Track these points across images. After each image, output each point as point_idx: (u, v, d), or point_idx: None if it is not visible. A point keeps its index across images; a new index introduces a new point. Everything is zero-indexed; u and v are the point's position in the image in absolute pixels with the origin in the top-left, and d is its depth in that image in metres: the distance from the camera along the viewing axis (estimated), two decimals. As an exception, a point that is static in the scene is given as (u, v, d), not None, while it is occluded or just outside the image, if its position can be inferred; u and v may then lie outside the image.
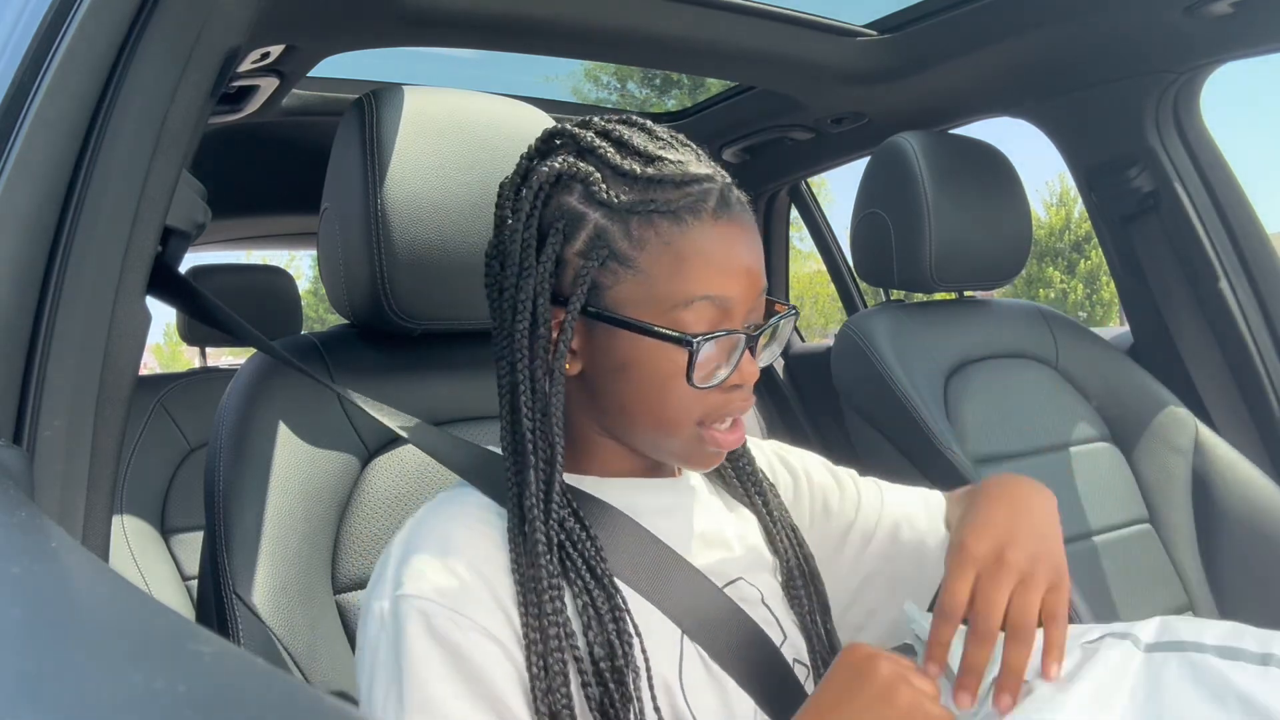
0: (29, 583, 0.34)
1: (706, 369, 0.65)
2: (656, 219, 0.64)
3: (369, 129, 0.89)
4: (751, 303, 0.67)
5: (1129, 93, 1.55)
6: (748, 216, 0.68)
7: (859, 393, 1.50)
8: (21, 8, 0.64)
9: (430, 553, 0.62)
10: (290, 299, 2.32)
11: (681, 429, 0.67)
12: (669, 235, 0.64)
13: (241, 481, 0.83)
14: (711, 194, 0.65)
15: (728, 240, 0.65)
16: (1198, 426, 1.51)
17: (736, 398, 0.68)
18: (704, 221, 0.65)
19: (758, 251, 0.68)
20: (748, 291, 0.66)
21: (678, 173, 0.65)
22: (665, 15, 1.34)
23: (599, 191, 0.64)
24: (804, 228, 2.40)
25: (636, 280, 0.64)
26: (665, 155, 0.66)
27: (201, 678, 0.25)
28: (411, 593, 0.60)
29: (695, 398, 0.66)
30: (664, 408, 0.66)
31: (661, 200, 0.64)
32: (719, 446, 0.68)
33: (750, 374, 0.67)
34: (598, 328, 0.66)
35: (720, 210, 0.65)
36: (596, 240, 0.64)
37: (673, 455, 0.70)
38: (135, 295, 0.63)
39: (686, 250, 0.64)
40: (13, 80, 0.59)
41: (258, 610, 0.78)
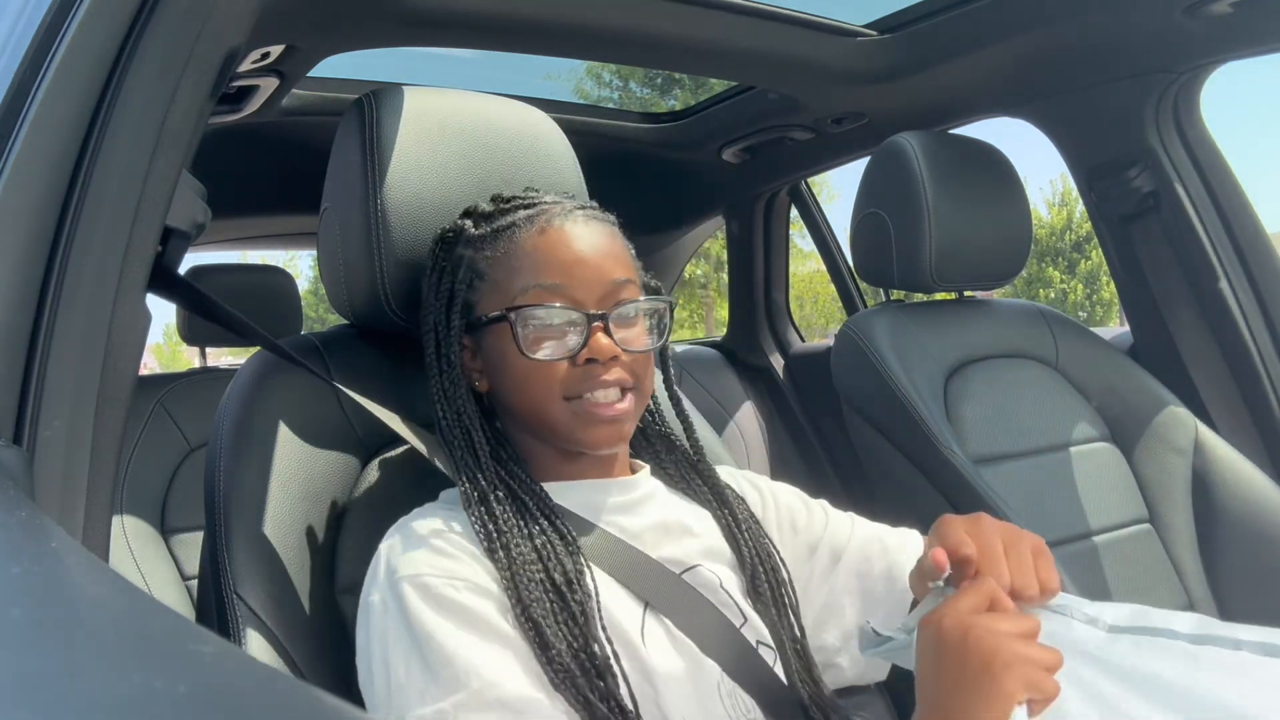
0: (29, 583, 0.34)
1: (538, 341, 0.76)
2: (501, 236, 0.80)
3: (369, 129, 0.89)
4: (599, 291, 0.77)
5: (1129, 93, 1.55)
6: (591, 224, 0.80)
7: (859, 393, 1.50)
8: (21, 8, 0.64)
9: (413, 541, 0.72)
10: (290, 299, 2.32)
11: (550, 402, 0.76)
12: (508, 248, 0.79)
13: (241, 481, 0.83)
14: (546, 211, 0.80)
15: (558, 240, 0.78)
16: (1198, 426, 1.51)
17: (597, 371, 0.76)
18: (533, 230, 0.79)
19: (598, 249, 0.79)
20: (586, 280, 0.77)
21: (521, 203, 0.83)
22: (665, 15, 1.34)
23: (468, 232, 0.82)
24: (804, 227, 2.40)
25: (491, 289, 0.79)
26: (522, 198, 0.84)
27: (201, 678, 0.25)
28: (407, 573, 0.68)
29: (549, 373, 0.76)
30: (526, 386, 0.77)
31: (503, 224, 0.80)
32: (598, 417, 0.76)
33: (602, 348, 0.75)
34: (480, 339, 0.81)
35: (554, 220, 0.79)
36: (466, 269, 0.80)
37: (558, 434, 0.78)
38: (135, 295, 0.63)
39: (520, 253, 0.78)
40: (13, 80, 0.59)
41: (258, 610, 0.78)
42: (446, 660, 0.64)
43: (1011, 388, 1.51)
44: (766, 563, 0.83)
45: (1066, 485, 1.45)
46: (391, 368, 0.94)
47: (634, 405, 0.79)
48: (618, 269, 0.79)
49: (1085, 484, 1.47)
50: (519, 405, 0.79)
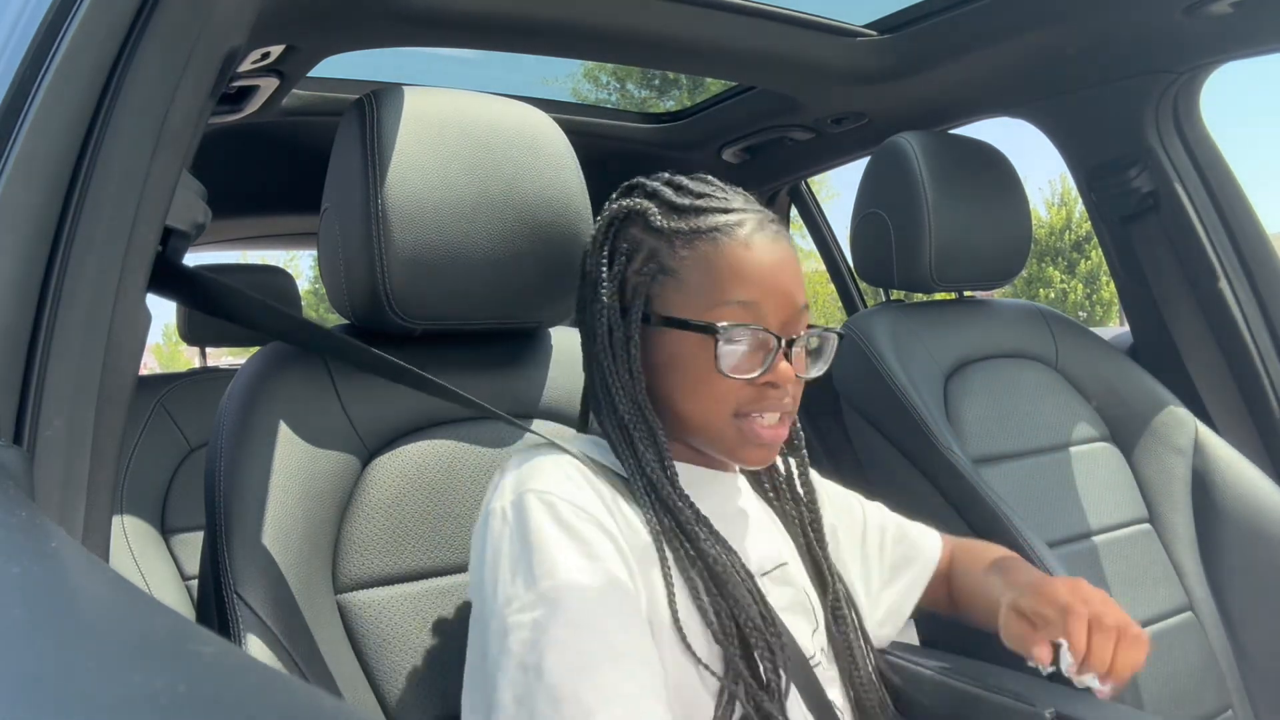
0: (29, 583, 0.34)
1: (734, 360, 0.75)
2: (697, 240, 0.77)
3: (369, 129, 0.89)
4: (786, 315, 0.77)
5: (1129, 93, 1.55)
6: (784, 242, 0.79)
7: (859, 393, 1.50)
8: (21, 8, 0.64)
9: (548, 468, 0.74)
10: (290, 299, 2.32)
11: (719, 417, 0.77)
12: (706, 252, 0.77)
13: (242, 481, 0.83)
14: (746, 222, 0.78)
15: (757, 256, 0.77)
16: (1198, 426, 1.51)
17: (771, 395, 0.77)
18: (736, 241, 0.77)
19: (790, 272, 0.78)
20: (779, 303, 0.77)
21: (719, 205, 0.79)
22: (665, 15, 1.34)
23: (654, 220, 0.79)
24: (804, 227, 2.40)
25: (679, 289, 0.77)
26: (712, 194, 0.81)
27: (201, 678, 0.25)
28: (537, 488, 0.71)
29: (729, 389, 0.76)
30: (701, 396, 0.77)
31: (702, 226, 0.78)
32: (759, 439, 0.77)
33: (784, 374, 0.76)
34: (650, 332, 0.79)
35: (753, 234, 0.78)
36: (650, 259, 0.78)
37: (717, 445, 0.79)
38: (135, 295, 0.63)
39: (719, 263, 0.76)
40: (13, 80, 0.59)
41: (258, 610, 0.78)
42: (550, 572, 0.66)
43: (1011, 388, 1.51)
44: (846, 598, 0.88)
45: (1066, 485, 1.45)
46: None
47: (788, 430, 0.81)
48: (802, 293, 0.80)
49: (1085, 484, 1.46)
50: (683, 409, 0.79)
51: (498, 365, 0.99)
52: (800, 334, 0.78)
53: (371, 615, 0.86)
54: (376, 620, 0.85)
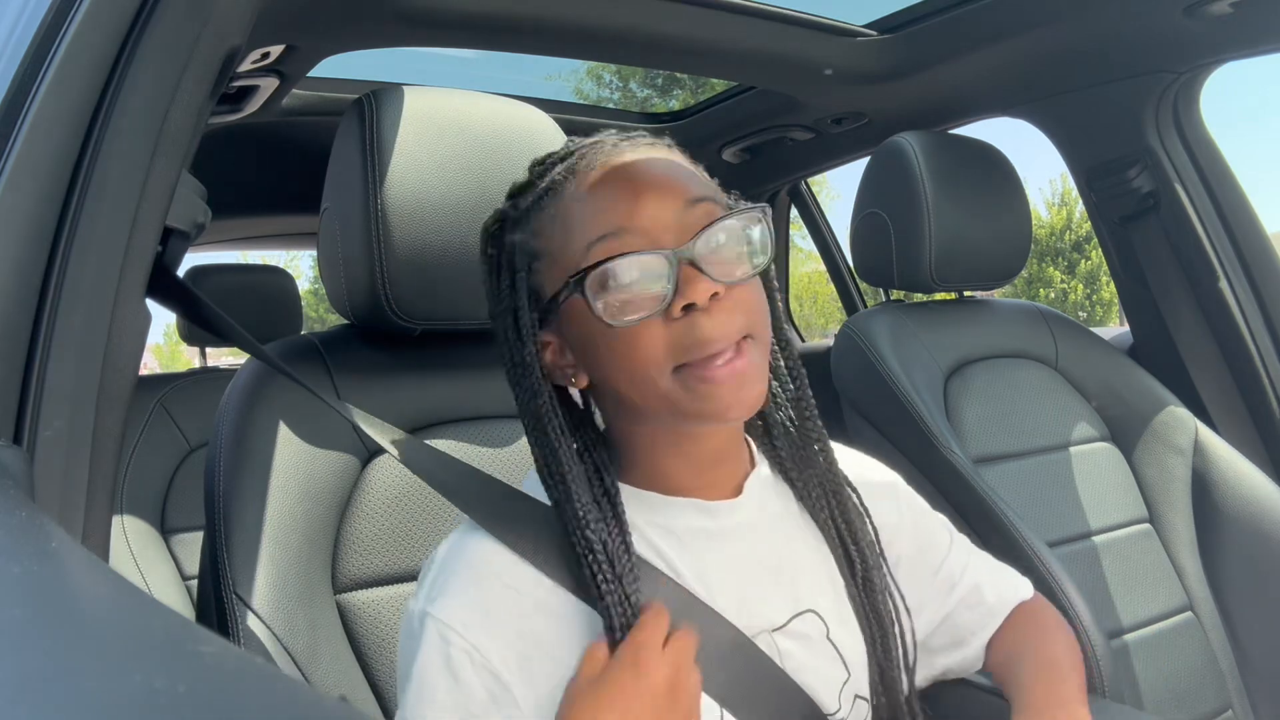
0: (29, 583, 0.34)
1: (619, 302, 0.60)
2: (544, 202, 0.66)
3: (369, 129, 0.89)
4: (669, 220, 0.62)
5: (1129, 93, 1.55)
6: (638, 149, 0.66)
7: (859, 393, 1.50)
8: (21, 8, 0.64)
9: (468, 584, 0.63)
10: (290, 299, 2.32)
11: (660, 380, 0.61)
12: (555, 209, 0.65)
13: (241, 482, 0.83)
14: (585, 154, 0.66)
15: (607, 180, 0.64)
16: (1198, 426, 1.51)
17: (703, 324, 0.60)
18: (580, 177, 0.65)
19: (659, 170, 0.64)
20: (650, 211, 0.62)
21: (557, 156, 0.67)
22: (665, 15, 1.34)
23: (510, 214, 0.68)
24: (804, 227, 2.40)
25: (549, 264, 0.65)
26: (554, 154, 0.68)
27: (201, 678, 0.25)
28: (442, 616, 0.62)
29: (650, 340, 0.60)
30: (627, 366, 0.62)
31: (542, 187, 0.66)
32: (713, 381, 0.61)
33: (695, 290, 0.60)
34: (560, 329, 0.66)
35: (594, 159, 0.65)
36: (520, 254, 0.66)
37: (684, 414, 0.63)
38: (135, 295, 0.63)
39: (568, 209, 0.64)
40: (13, 80, 0.59)
41: (258, 610, 0.78)
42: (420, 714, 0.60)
43: (1011, 388, 1.51)
44: (889, 621, 0.72)
45: (1066, 485, 1.45)
46: (392, 367, 0.94)
47: (756, 356, 0.63)
48: (690, 186, 0.64)
49: (1085, 484, 1.46)
50: (626, 391, 0.64)
51: (497, 365, 0.99)
52: (700, 232, 0.61)
53: (371, 615, 0.86)
54: (376, 620, 0.86)
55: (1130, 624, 1.37)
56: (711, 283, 0.60)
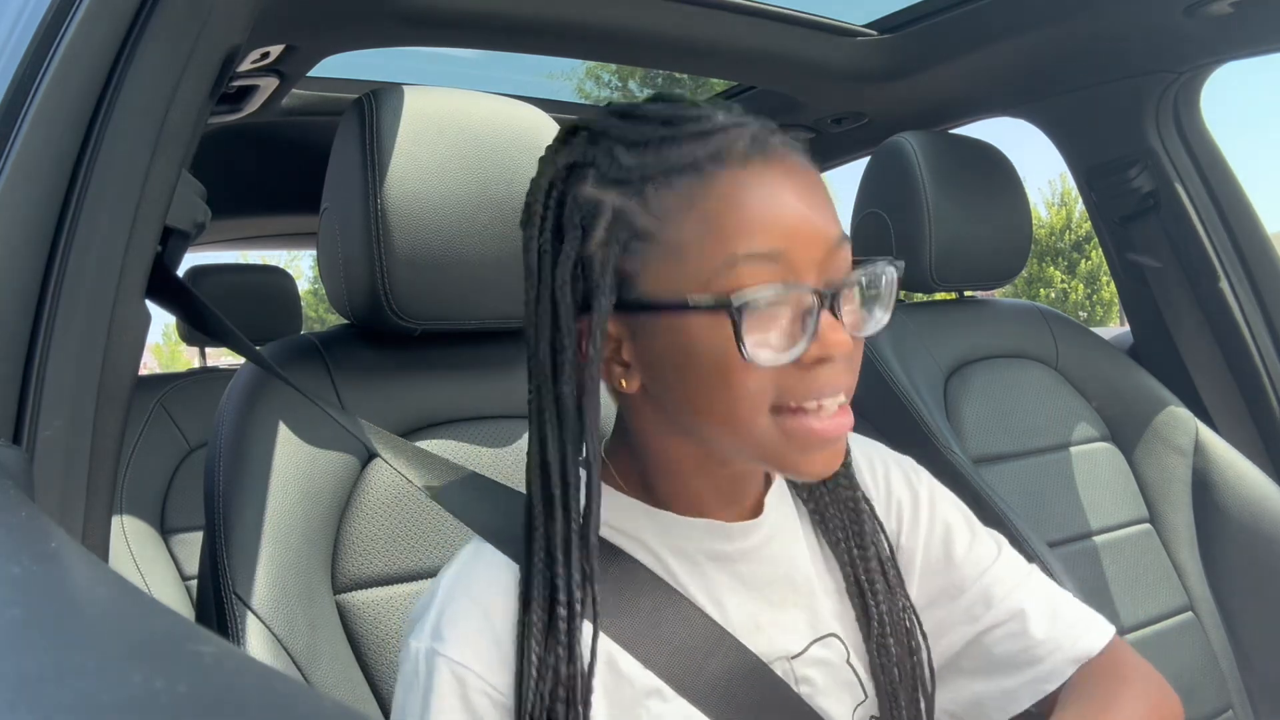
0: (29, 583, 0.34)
1: (766, 338, 0.54)
2: (675, 179, 0.55)
3: (369, 129, 0.89)
4: (821, 257, 0.55)
5: (1129, 93, 1.55)
6: (796, 158, 0.57)
7: (859, 393, 1.50)
8: (21, 8, 0.64)
9: (475, 619, 0.60)
10: (290, 299, 2.32)
11: (756, 421, 0.55)
12: (692, 195, 0.54)
13: (241, 481, 0.83)
14: (739, 139, 0.55)
15: (766, 184, 0.54)
16: (1198, 426, 1.51)
17: (822, 374, 0.55)
18: (732, 169, 0.54)
19: (816, 197, 0.56)
20: (807, 243, 0.54)
21: (695, 126, 0.56)
22: (665, 15, 1.34)
23: (610, 169, 0.56)
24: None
25: (666, 257, 0.55)
26: (683, 114, 0.57)
27: (201, 678, 0.25)
28: (453, 656, 0.58)
29: (762, 380, 0.54)
30: (728, 397, 0.55)
31: (677, 158, 0.55)
32: (814, 437, 0.56)
33: (834, 342, 0.54)
34: (640, 326, 0.57)
35: (753, 152, 0.55)
36: (615, 224, 0.56)
37: (763, 458, 0.58)
38: (135, 295, 0.63)
39: (715, 206, 0.54)
40: (12, 79, 0.59)
41: (258, 610, 0.78)
42: None
43: (1012, 388, 1.51)
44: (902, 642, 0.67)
45: (1066, 485, 1.45)
46: (392, 367, 0.94)
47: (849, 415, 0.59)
48: (834, 223, 0.56)
49: (1085, 484, 1.46)
50: (705, 418, 0.57)
51: (497, 365, 0.99)
52: (845, 277, 0.57)
53: (370, 615, 0.85)
54: (375, 620, 0.85)
55: (1130, 624, 1.37)
56: (848, 336, 0.55)
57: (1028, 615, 0.69)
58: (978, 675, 0.70)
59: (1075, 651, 0.68)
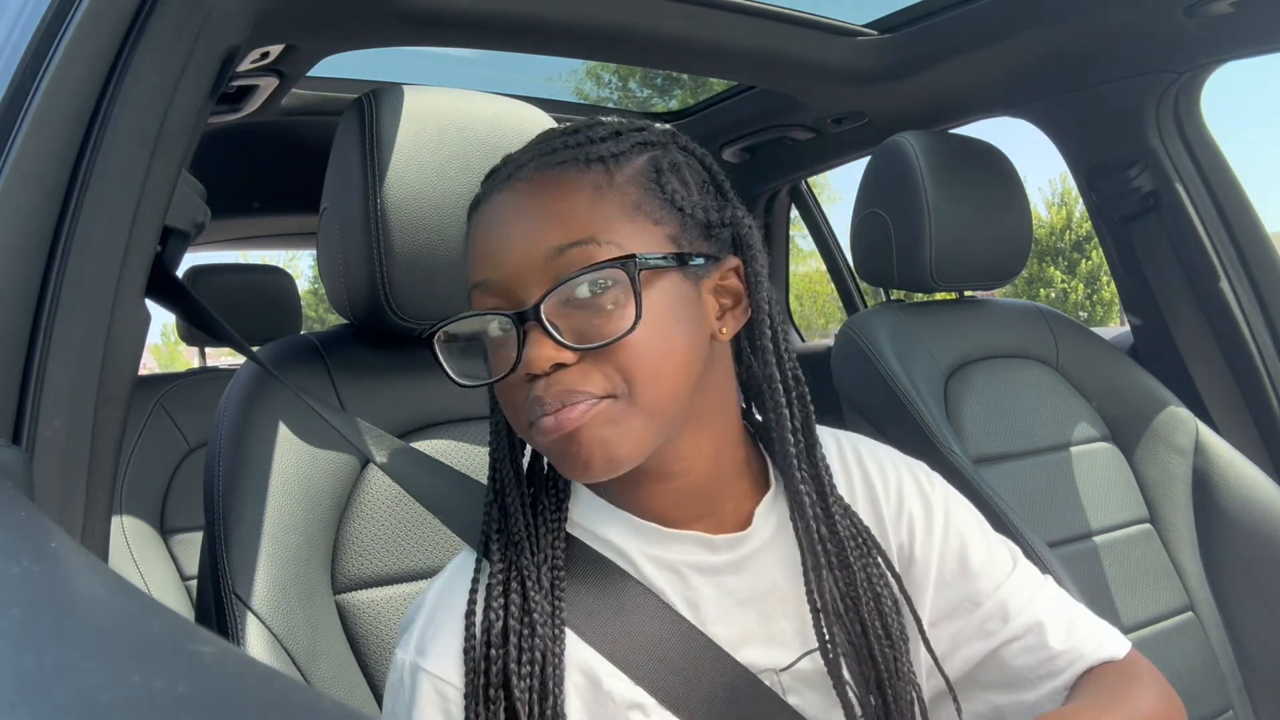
0: (29, 583, 0.34)
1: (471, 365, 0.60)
2: (470, 216, 0.64)
3: (369, 129, 0.89)
4: (527, 274, 0.57)
5: (1129, 93, 1.55)
6: (534, 179, 0.59)
7: (859, 393, 1.50)
8: (21, 8, 0.64)
9: (451, 623, 0.61)
10: (290, 299, 2.32)
11: (527, 435, 0.60)
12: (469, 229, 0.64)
13: (241, 482, 0.83)
14: (494, 177, 0.62)
15: (485, 216, 0.61)
16: (1198, 426, 1.51)
17: (535, 390, 0.57)
18: (476, 208, 0.63)
19: (533, 212, 0.58)
20: (512, 266, 0.58)
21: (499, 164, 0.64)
22: (665, 15, 1.34)
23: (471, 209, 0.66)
24: (804, 227, 2.40)
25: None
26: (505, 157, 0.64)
27: (201, 678, 0.25)
28: (436, 671, 0.60)
29: (514, 396, 0.59)
30: (507, 414, 0.62)
31: (477, 196, 0.64)
32: (545, 436, 0.58)
33: (529, 360, 0.55)
34: None
35: (493, 191, 0.61)
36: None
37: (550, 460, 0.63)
38: (135, 295, 0.63)
39: (469, 240, 0.63)
40: (12, 80, 0.59)
41: (257, 610, 0.78)
42: None
43: (1012, 388, 1.50)
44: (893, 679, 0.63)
45: (1067, 485, 1.45)
46: (392, 367, 0.94)
47: (611, 413, 0.57)
48: (555, 232, 0.57)
49: (1085, 484, 1.46)
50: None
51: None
52: (539, 297, 0.56)
53: (370, 615, 0.85)
54: (375, 620, 0.85)
55: (1131, 624, 1.37)
56: (557, 349, 0.55)
57: (1046, 628, 0.67)
58: (997, 689, 0.69)
59: (1094, 662, 0.68)
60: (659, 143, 0.63)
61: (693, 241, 0.61)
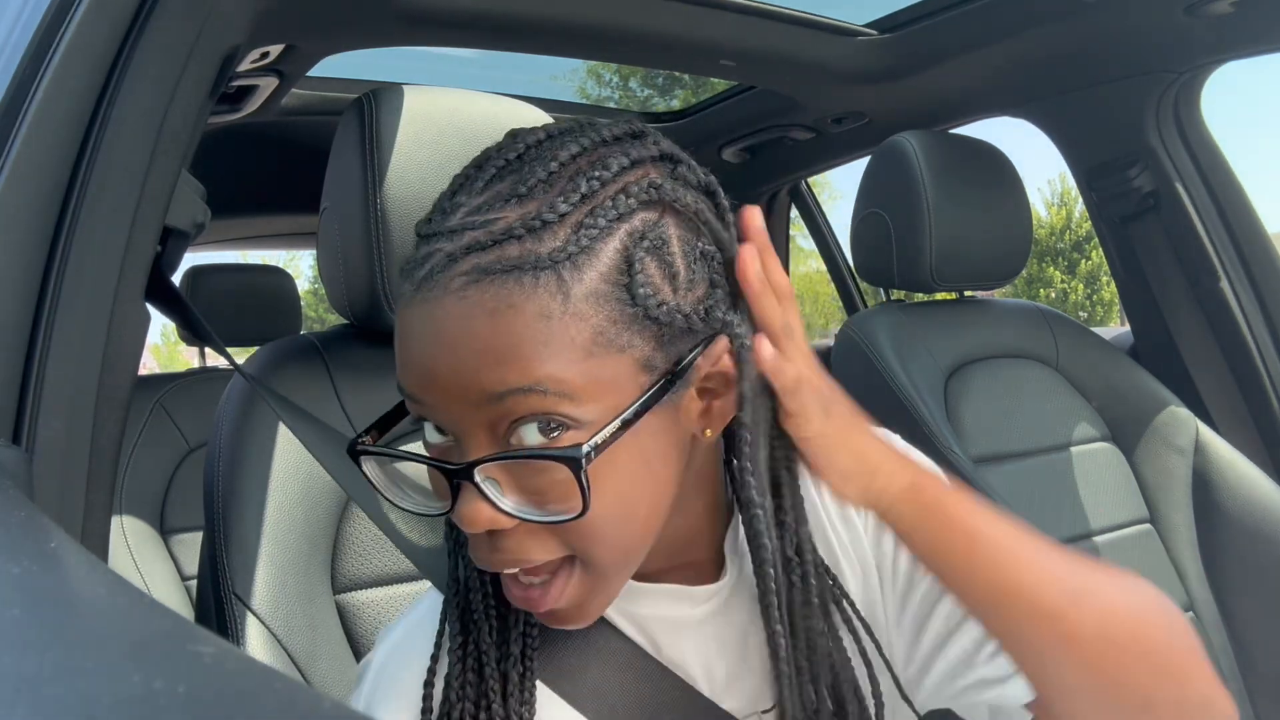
0: (28, 583, 0.34)
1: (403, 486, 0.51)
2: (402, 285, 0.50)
3: (368, 129, 0.89)
4: (456, 415, 0.47)
5: (1129, 93, 1.55)
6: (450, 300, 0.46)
7: (859, 393, 1.49)
8: (21, 8, 0.64)
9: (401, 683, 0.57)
10: (290, 299, 2.32)
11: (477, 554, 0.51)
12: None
13: (241, 482, 0.83)
14: (428, 259, 0.47)
15: (409, 321, 0.48)
16: (1198, 426, 1.51)
17: (475, 544, 0.49)
18: (407, 298, 0.48)
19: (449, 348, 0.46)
20: (430, 395, 0.48)
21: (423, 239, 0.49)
22: (666, 15, 1.34)
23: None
24: (804, 227, 2.40)
25: None
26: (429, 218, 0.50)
27: (201, 678, 0.25)
28: None
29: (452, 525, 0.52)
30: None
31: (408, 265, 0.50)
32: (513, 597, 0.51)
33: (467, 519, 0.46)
34: None
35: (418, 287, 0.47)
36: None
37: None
38: (135, 295, 0.63)
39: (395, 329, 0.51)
40: (12, 79, 0.59)
41: (257, 610, 0.78)
42: None
43: (1012, 388, 1.51)
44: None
45: (1067, 485, 1.45)
46: (392, 367, 0.94)
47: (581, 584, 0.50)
48: (493, 372, 0.45)
49: (1085, 484, 1.46)
50: None
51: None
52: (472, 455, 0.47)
53: (370, 615, 0.85)
54: (375, 620, 0.85)
55: (1131, 624, 1.37)
56: (494, 512, 0.46)
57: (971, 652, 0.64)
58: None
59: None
60: (646, 200, 0.49)
61: (672, 344, 0.49)
